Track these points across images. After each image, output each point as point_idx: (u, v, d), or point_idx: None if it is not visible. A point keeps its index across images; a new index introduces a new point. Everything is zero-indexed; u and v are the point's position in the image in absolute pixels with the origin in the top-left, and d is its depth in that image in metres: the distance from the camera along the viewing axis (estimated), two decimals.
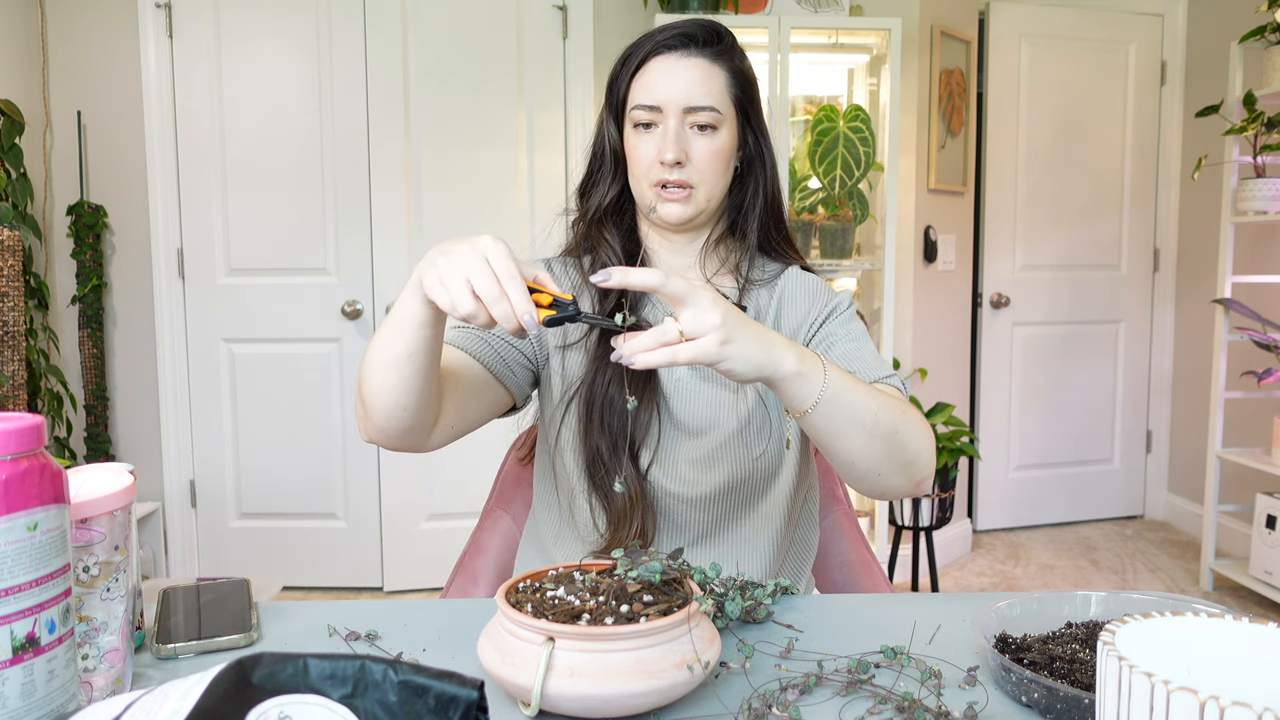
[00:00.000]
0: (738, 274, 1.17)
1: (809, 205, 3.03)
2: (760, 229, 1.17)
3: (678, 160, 1.07)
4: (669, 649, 0.72)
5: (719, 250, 1.18)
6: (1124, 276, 4.04)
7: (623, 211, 1.17)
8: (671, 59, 1.08)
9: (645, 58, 1.10)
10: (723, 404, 1.11)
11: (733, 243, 1.18)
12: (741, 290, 1.15)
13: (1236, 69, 3.10)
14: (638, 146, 1.10)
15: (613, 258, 1.14)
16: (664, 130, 1.08)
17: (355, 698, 0.55)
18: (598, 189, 1.16)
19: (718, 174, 1.11)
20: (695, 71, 1.08)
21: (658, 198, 1.10)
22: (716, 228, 1.16)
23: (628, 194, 1.16)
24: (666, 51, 1.09)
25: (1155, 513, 4.14)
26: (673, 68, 1.08)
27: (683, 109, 1.07)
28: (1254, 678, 0.55)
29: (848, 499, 1.38)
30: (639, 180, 1.11)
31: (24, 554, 0.63)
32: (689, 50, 1.09)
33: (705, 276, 1.16)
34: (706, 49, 1.09)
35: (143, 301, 3.18)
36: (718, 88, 1.09)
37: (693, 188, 1.09)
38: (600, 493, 1.10)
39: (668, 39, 1.09)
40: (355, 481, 3.24)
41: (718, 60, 1.10)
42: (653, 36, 1.10)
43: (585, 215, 1.17)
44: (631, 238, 1.17)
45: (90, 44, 3.10)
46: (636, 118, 1.09)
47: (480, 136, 3.13)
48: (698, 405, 1.12)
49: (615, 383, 1.08)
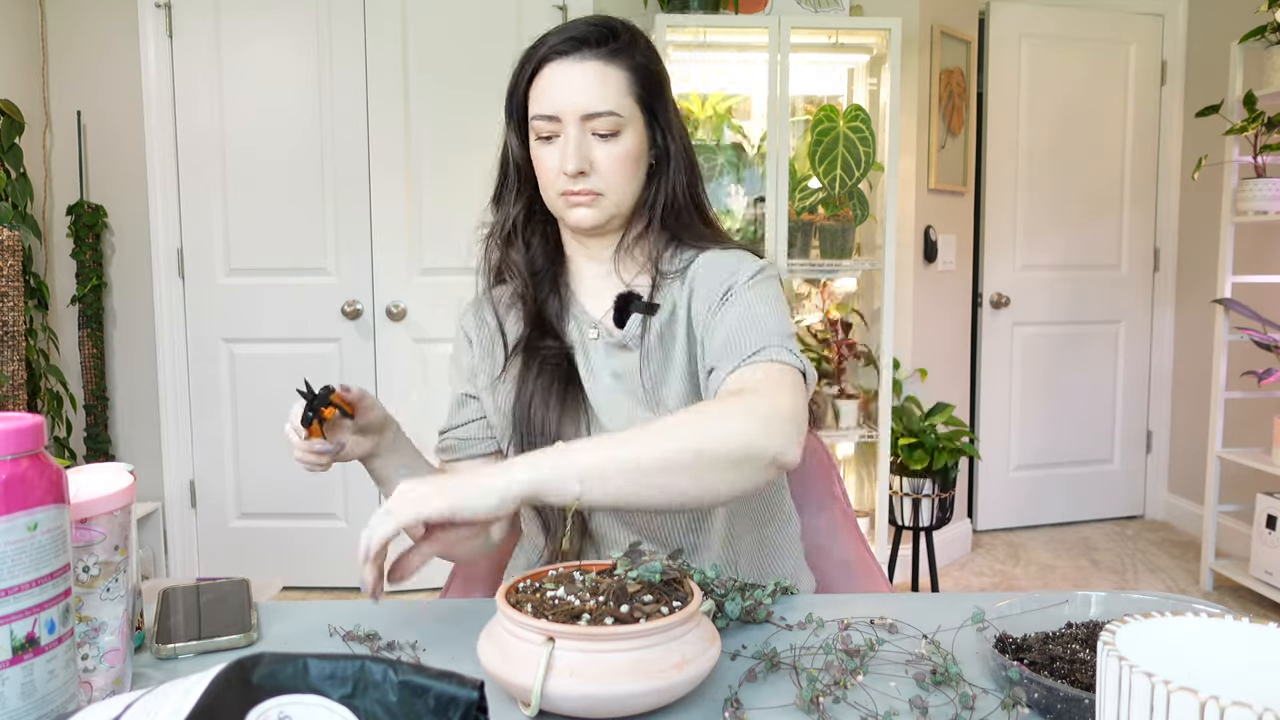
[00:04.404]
0: (652, 267, 1.13)
1: (809, 205, 3.03)
2: (675, 223, 1.12)
3: (580, 170, 1.03)
4: (669, 649, 0.72)
5: (635, 251, 1.13)
6: (1124, 276, 4.04)
7: (545, 220, 1.14)
8: (564, 65, 1.04)
9: (538, 65, 1.05)
10: (642, 415, 1.08)
11: (644, 241, 1.14)
12: (654, 284, 1.12)
13: (1236, 69, 3.10)
14: (542, 158, 1.06)
15: (518, 275, 1.13)
16: (564, 140, 1.04)
17: (355, 698, 0.55)
18: (504, 203, 1.14)
19: (625, 178, 1.07)
20: (590, 75, 1.03)
21: (566, 205, 1.07)
22: (633, 229, 1.12)
23: (541, 202, 1.12)
24: (558, 57, 1.04)
25: (1155, 513, 4.14)
26: (566, 74, 1.03)
27: (580, 116, 1.03)
28: (1254, 678, 0.55)
29: (845, 498, 1.38)
30: (547, 190, 1.08)
31: (24, 554, 0.63)
32: (581, 54, 1.03)
33: (622, 279, 1.12)
34: (600, 49, 1.04)
35: (143, 301, 3.18)
36: (615, 90, 1.04)
37: (600, 194, 1.06)
38: (533, 509, 1.11)
39: (558, 44, 1.04)
40: (355, 481, 3.24)
41: (613, 60, 1.04)
42: (545, 41, 1.05)
43: (494, 233, 1.15)
44: (555, 246, 1.16)
45: (90, 44, 3.10)
46: (537, 129, 1.05)
47: (480, 137, 3.13)
48: (624, 416, 1.09)
49: (539, 404, 1.08)
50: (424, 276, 3.16)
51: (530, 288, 1.13)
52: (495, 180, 1.15)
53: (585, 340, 1.13)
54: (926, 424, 2.98)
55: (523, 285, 1.13)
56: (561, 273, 1.16)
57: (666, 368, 1.09)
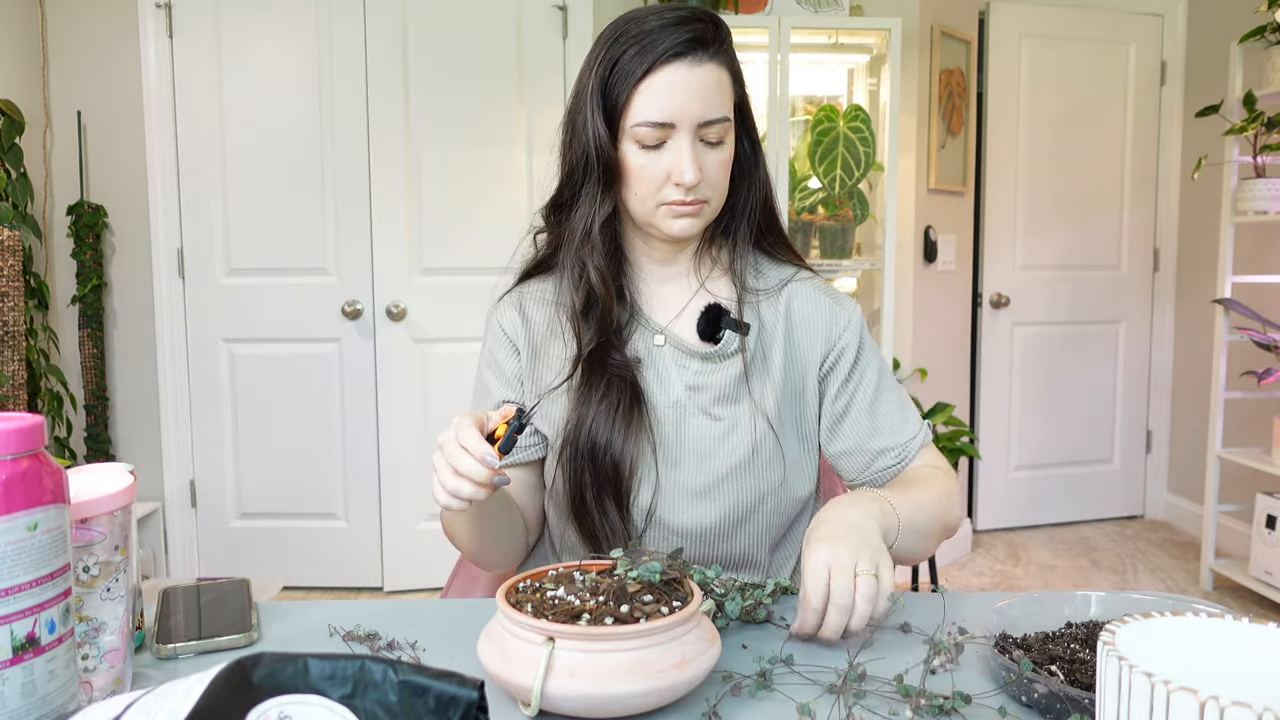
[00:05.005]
0: (732, 275, 1.10)
1: (809, 205, 3.03)
2: (754, 231, 1.11)
3: (698, 181, 0.98)
4: (669, 649, 0.72)
5: (711, 252, 1.11)
6: (1124, 276, 4.04)
7: (608, 224, 1.05)
8: (683, 68, 0.96)
9: (652, 65, 0.96)
10: (720, 432, 1.06)
11: (723, 243, 1.11)
12: (740, 299, 1.08)
13: (1236, 69, 3.10)
14: (645, 165, 0.99)
15: (600, 282, 1.04)
16: (677, 147, 0.98)
17: (355, 698, 0.55)
18: (582, 206, 1.03)
19: (725, 185, 1.04)
20: (707, 81, 0.98)
21: (670, 215, 1.01)
22: (709, 231, 1.10)
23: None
24: (675, 60, 0.96)
25: (1155, 513, 4.14)
26: (686, 79, 0.96)
27: (697, 124, 0.98)
28: (1254, 678, 0.55)
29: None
30: (644, 198, 1.01)
31: (24, 554, 0.63)
32: (697, 55, 0.97)
33: (700, 280, 1.10)
34: (712, 50, 0.98)
35: (143, 301, 3.18)
36: (727, 94, 1.00)
37: (705, 202, 1.02)
38: (589, 544, 1.05)
39: (676, 44, 0.96)
40: (355, 481, 3.24)
41: (723, 62, 1.00)
42: (655, 38, 0.96)
43: (571, 235, 1.05)
44: (615, 253, 1.08)
45: (90, 44, 3.10)
46: (642, 135, 0.98)
47: (480, 136, 3.13)
48: (691, 429, 1.07)
49: (603, 425, 1.02)
50: (424, 276, 3.16)
51: (612, 295, 1.05)
52: (563, 177, 1.06)
53: (650, 349, 1.09)
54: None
55: (602, 290, 1.04)
56: (624, 277, 1.09)
57: (764, 381, 1.09)
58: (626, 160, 1.00)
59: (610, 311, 1.05)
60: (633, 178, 1.01)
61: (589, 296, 1.05)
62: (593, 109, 0.99)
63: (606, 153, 1.00)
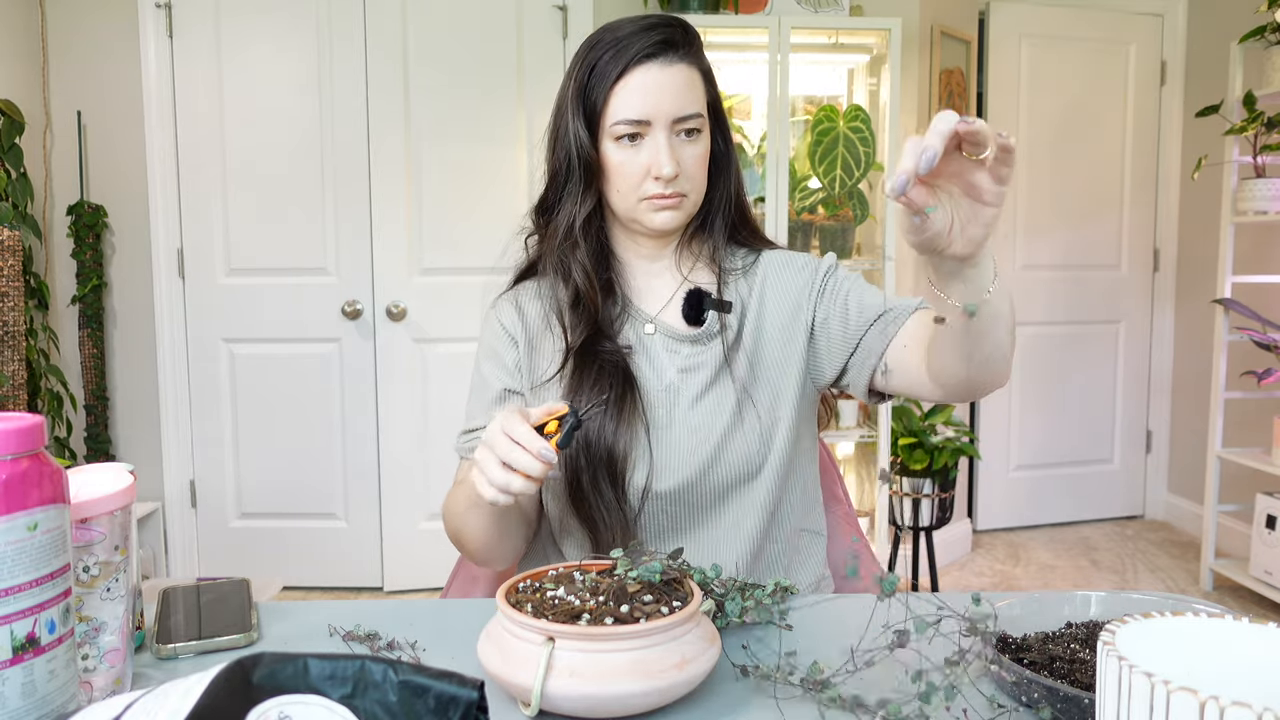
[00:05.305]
0: (713, 265, 1.16)
1: (809, 205, 3.03)
2: (729, 225, 1.17)
3: (675, 174, 1.05)
4: (669, 649, 0.72)
5: (692, 246, 1.17)
6: (1124, 276, 4.04)
7: (590, 222, 1.11)
8: (655, 68, 1.04)
9: (626, 67, 1.04)
10: (709, 407, 1.10)
11: (703, 237, 1.17)
12: (719, 282, 1.14)
13: (1236, 69, 3.10)
14: (624, 162, 1.06)
15: (583, 277, 1.10)
16: (654, 143, 1.04)
17: (355, 698, 0.55)
18: (566, 205, 1.10)
19: (703, 178, 1.10)
20: (679, 79, 1.05)
21: (651, 209, 1.07)
22: (689, 226, 1.15)
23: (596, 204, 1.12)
24: (648, 60, 1.04)
25: (1155, 513, 4.14)
26: (658, 78, 1.04)
27: (672, 120, 1.04)
28: (1254, 678, 0.55)
29: (848, 499, 1.38)
30: (626, 195, 1.07)
31: (24, 554, 0.63)
32: (668, 56, 1.04)
33: (683, 274, 1.15)
34: (683, 51, 1.06)
35: (143, 301, 3.18)
36: (699, 93, 1.07)
37: (685, 195, 1.08)
38: (587, 528, 1.08)
39: (648, 46, 1.03)
40: (355, 481, 3.24)
41: (693, 63, 1.07)
42: (629, 42, 1.04)
43: (555, 234, 1.11)
44: (601, 249, 1.14)
45: (90, 44, 3.10)
46: (619, 132, 1.04)
47: (480, 136, 3.13)
48: (684, 410, 1.10)
49: (594, 412, 1.05)
50: (424, 276, 3.16)
51: (596, 289, 1.10)
52: (548, 181, 1.12)
53: (642, 337, 1.14)
54: (926, 424, 2.98)
55: (586, 285, 1.10)
56: (612, 272, 1.15)
57: (748, 352, 1.13)
58: (607, 159, 1.07)
59: (595, 304, 1.10)
60: (614, 175, 1.07)
61: (576, 291, 1.11)
62: (573, 113, 1.07)
63: (587, 153, 1.07)
